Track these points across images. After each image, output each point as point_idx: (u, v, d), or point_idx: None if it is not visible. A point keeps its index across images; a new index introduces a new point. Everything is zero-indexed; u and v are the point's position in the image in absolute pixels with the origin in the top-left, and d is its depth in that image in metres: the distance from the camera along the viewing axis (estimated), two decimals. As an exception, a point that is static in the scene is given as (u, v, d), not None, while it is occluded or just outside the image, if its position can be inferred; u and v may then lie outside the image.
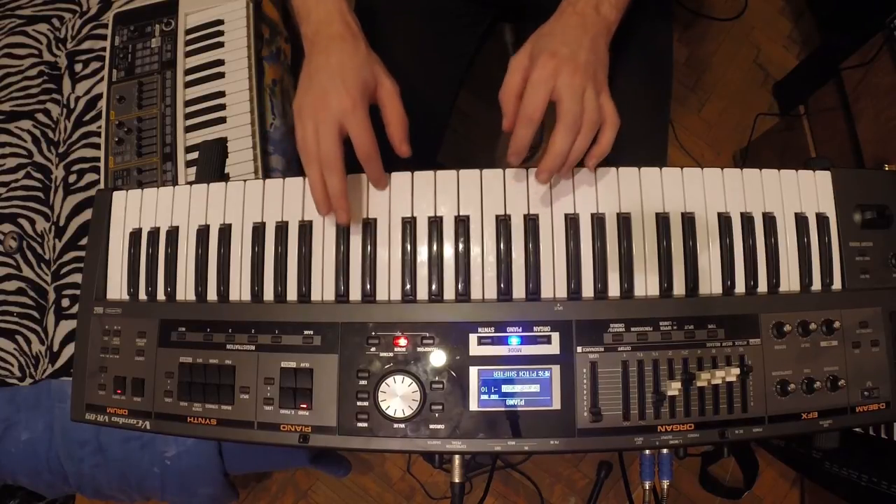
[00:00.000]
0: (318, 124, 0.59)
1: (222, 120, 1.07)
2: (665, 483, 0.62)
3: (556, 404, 0.57)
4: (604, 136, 0.60)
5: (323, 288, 0.62)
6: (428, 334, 0.59)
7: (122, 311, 0.65)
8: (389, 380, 0.58)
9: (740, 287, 0.61)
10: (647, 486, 0.63)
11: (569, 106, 0.57)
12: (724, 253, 0.61)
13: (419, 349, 0.59)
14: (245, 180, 0.66)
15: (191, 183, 0.68)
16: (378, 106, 0.63)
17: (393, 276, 0.61)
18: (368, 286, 0.61)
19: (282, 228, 0.63)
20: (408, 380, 0.58)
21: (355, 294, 0.62)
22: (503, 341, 0.58)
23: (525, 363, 0.58)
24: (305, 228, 0.63)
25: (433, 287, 0.61)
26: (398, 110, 0.62)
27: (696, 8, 1.71)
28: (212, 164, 0.73)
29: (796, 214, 0.62)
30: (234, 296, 0.64)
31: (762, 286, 0.61)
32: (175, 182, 1.04)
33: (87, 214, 1.08)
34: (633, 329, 0.58)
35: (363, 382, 0.58)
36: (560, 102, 0.58)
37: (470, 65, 0.93)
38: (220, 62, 1.10)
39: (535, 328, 0.58)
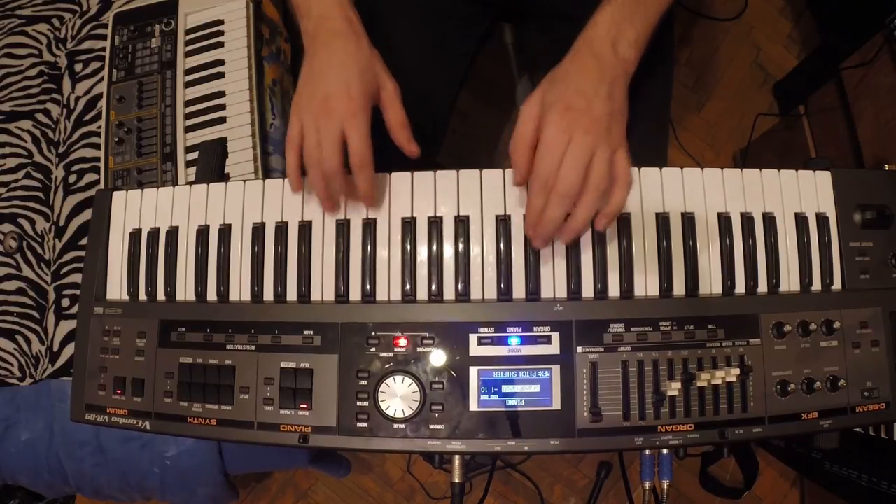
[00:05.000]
0: (321, 130, 0.59)
1: (222, 120, 1.07)
2: (665, 483, 0.62)
3: (556, 404, 0.57)
4: (614, 196, 0.56)
5: (323, 288, 0.62)
6: (428, 334, 0.59)
7: (122, 312, 0.65)
8: (389, 380, 0.58)
9: (740, 287, 0.61)
10: (647, 486, 0.63)
11: (567, 172, 0.54)
12: (724, 253, 0.61)
13: (419, 349, 0.59)
14: (245, 180, 0.66)
15: (191, 183, 0.68)
16: (380, 108, 0.63)
17: (393, 276, 0.61)
18: (368, 286, 0.61)
19: (282, 228, 0.63)
20: (408, 380, 0.58)
21: (355, 294, 0.62)
22: (503, 341, 0.58)
23: (525, 363, 0.58)
24: (305, 228, 0.63)
25: (433, 287, 0.61)
26: (400, 114, 0.62)
27: (696, 8, 1.70)
28: (212, 165, 0.73)
29: (796, 214, 0.62)
30: (233, 296, 0.64)
31: (762, 286, 0.61)
32: (175, 182, 1.04)
33: (87, 214, 1.08)
34: (633, 329, 0.58)
35: (363, 382, 0.58)
36: (560, 167, 0.54)
37: (470, 65, 0.93)
38: (220, 62, 1.10)
39: (535, 328, 0.58)
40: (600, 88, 0.56)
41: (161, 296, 0.65)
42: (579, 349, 0.58)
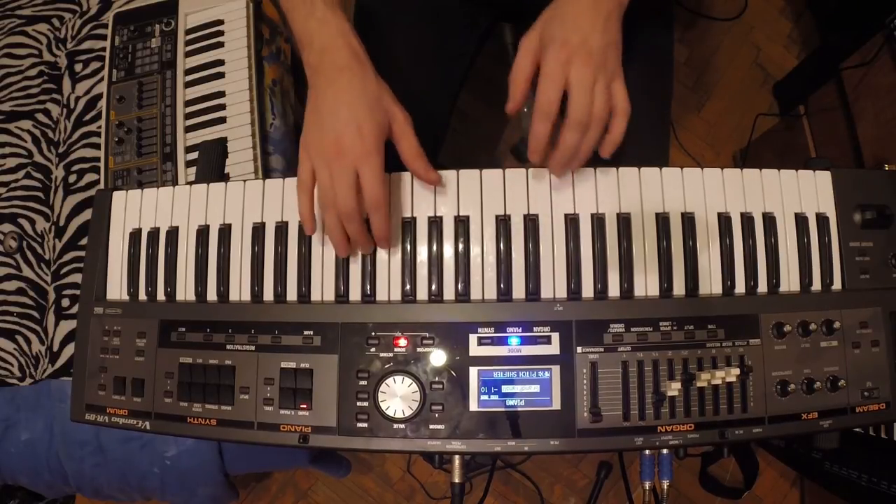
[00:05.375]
0: (334, 173, 0.57)
1: (222, 120, 1.07)
2: (665, 483, 0.62)
3: (556, 404, 0.57)
4: (615, 125, 0.59)
5: (323, 288, 0.62)
6: (428, 334, 0.59)
7: (122, 312, 0.65)
8: (389, 380, 0.58)
9: (740, 287, 0.61)
10: (647, 486, 0.63)
11: (578, 102, 0.56)
12: (724, 253, 0.61)
13: (419, 349, 0.59)
14: (245, 180, 0.66)
15: (191, 183, 0.68)
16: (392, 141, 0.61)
17: (393, 276, 0.61)
18: (368, 286, 0.61)
19: (281, 228, 0.63)
20: (408, 380, 0.58)
21: (355, 294, 0.62)
22: (503, 341, 0.58)
23: (525, 363, 0.58)
24: (305, 228, 0.63)
25: (433, 287, 0.61)
26: (413, 144, 0.60)
27: (696, 8, 1.70)
28: (212, 165, 0.73)
29: (796, 214, 0.62)
30: (233, 296, 0.64)
31: (762, 286, 0.61)
32: (175, 182, 1.04)
33: (87, 214, 1.08)
34: (633, 329, 0.58)
35: (363, 383, 0.58)
36: (570, 98, 0.57)
37: (470, 65, 0.93)
38: (220, 62, 1.10)
39: (535, 328, 0.58)
40: (596, 22, 0.58)
41: (161, 296, 0.65)
42: (579, 349, 0.58)
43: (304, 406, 0.59)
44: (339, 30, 0.60)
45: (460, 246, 0.61)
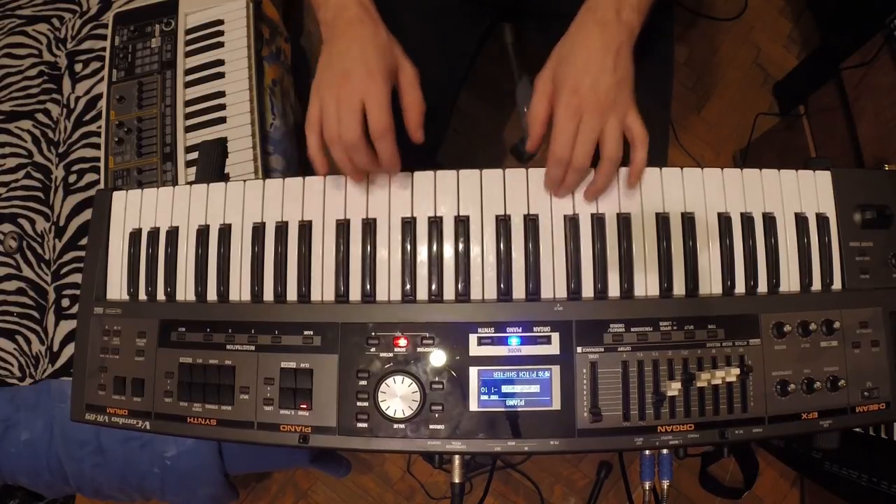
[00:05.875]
0: (340, 104, 0.59)
1: (222, 120, 1.07)
2: (665, 483, 0.62)
3: (556, 404, 0.57)
4: (636, 156, 0.60)
5: (323, 288, 0.62)
6: (428, 334, 0.59)
7: (122, 312, 0.65)
8: (389, 380, 0.58)
9: (740, 287, 0.61)
10: (647, 486, 0.63)
11: (579, 152, 0.58)
12: (724, 253, 0.61)
13: (419, 349, 0.59)
14: (245, 180, 0.66)
15: (191, 183, 0.68)
16: (396, 91, 0.63)
17: (393, 276, 0.61)
18: (368, 286, 0.61)
19: (281, 228, 0.63)
20: (408, 380, 0.58)
21: (355, 294, 0.62)
22: (503, 341, 0.58)
23: (525, 363, 0.58)
24: (305, 228, 0.63)
25: (433, 287, 0.61)
26: (417, 95, 0.63)
27: (696, 8, 1.70)
28: (212, 165, 0.73)
29: (796, 214, 0.62)
30: (233, 296, 0.64)
31: (762, 286, 0.61)
32: (175, 182, 1.04)
33: (87, 214, 1.08)
34: (633, 329, 0.58)
35: (363, 383, 0.58)
36: (574, 147, 0.59)
37: (470, 65, 0.93)
38: (220, 62, 1.10)
39: (535, 328, 0.58)
40: (606, 62, 0.59)
41: (161, 296, 0.65)
42: (579, 349, 0.58)
43: (304, 406, 0.59)
44: None
45: (460, 246, 0.61)
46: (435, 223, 0.62)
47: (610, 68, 0.59)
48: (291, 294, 0.62)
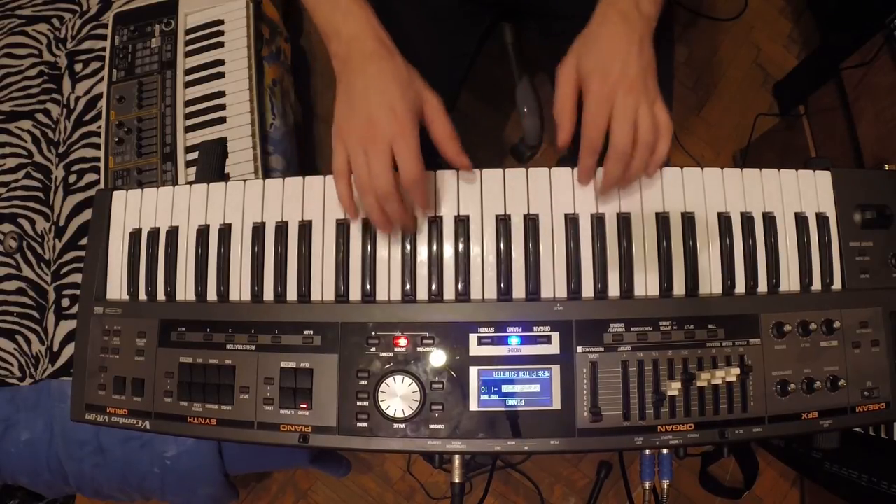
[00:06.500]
0: (369, 153, 0.57)
1: (222, 120, 1.07)
2: (665, 483, 0.62)
3: (556, 404, 0.57)
4: (659, 146, 0.59)
5: (323, 288, 0.62)
6: (428, 334, 0.59)
7: (122, 311, 0.65)
8: (389, 380, 0.58)
9: (740, 287, 0.61)
10: (647, 486, 0.63)
11: (620, 135, 0.57)
12: (724, 253, 0.61)
13: (419, 349, 0.59)
14: (245, 180, 0.66)
15: (191, 183, 0.68)
16: (424, 124, 0.61)
17: (393, 275, 0.61)
18: (368, 286, 0.61)
19: (281, 228, 0.63)
20: (408, 380, 0.58)
21: (355, 294, 0.62)
22: (503, 341, 0.58)
23: (525, 363, 0.58)
24: (305, 228, 0.63)
25: (433, 287, 0.61)
26: (446, 126, 0.61)
27: (696, 8, 1.70)
28: (212, 164, 0.73)
29: (796, 214, 0.62)
30: (233, 296, 0.64)
31: (762, 286, 0.61)
32: (175, 182, 1.04)
33: (87, 214, 1.08)
34: (633, 329, 0.58)
35: (363, 382, 0.58)
36: (612, 129, 0.58)
37: (470, 65, 0.93)
38: (220, 62, 1.10)
39: (535, 328, 0.58)
40: (631, 48, 0.59)
41: (161, 296, 0.65)
42: (579, 349, 0.58)
43: (304, 406, 0.59)
44: (366, 19, 0.61)
45: (460, 246, 0.61)
46: (435, 223, 0.62)
47: (636, 53, 0.59)
48: (291, 294, 0.62)
